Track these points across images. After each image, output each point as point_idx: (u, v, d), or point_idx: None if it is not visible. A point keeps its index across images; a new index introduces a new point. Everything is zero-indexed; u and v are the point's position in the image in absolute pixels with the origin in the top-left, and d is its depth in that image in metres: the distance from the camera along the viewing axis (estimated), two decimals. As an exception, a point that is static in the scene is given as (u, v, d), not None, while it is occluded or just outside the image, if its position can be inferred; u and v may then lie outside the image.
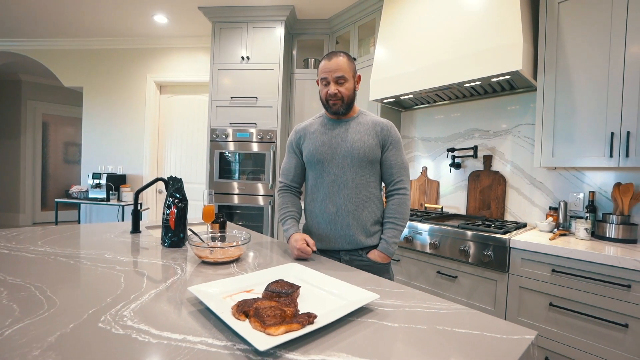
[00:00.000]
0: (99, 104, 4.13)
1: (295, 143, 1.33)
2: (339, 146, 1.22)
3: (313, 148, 1.25)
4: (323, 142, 1.24)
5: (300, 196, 1.38)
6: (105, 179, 3.72)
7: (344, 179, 1.20)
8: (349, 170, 1.20)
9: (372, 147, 1.20)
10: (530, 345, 0.58)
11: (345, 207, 1.19)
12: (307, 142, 1.28)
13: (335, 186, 1.21)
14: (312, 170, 1.27)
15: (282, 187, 1.36)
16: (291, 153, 1.35)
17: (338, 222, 1.20)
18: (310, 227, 1.28)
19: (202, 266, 0.99)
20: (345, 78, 1.18)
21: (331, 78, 1.18)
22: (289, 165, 1.35)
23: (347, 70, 1.19)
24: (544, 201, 1.99)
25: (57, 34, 3.90)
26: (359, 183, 1.20)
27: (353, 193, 1.20)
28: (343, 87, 1.19)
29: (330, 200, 1.21)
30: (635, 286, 1.24)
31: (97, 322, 0.59)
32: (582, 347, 1.36)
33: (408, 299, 0.78)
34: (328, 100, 1.21)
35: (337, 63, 1.17)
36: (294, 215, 1.28)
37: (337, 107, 1.21)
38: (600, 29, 1.57)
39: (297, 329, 0.54)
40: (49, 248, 1.11)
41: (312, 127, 1.31)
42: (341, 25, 3.12)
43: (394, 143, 1.24)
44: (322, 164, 1.23)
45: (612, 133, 1.52)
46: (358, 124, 1.24)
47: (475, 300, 1.70)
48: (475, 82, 1.91)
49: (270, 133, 3.08)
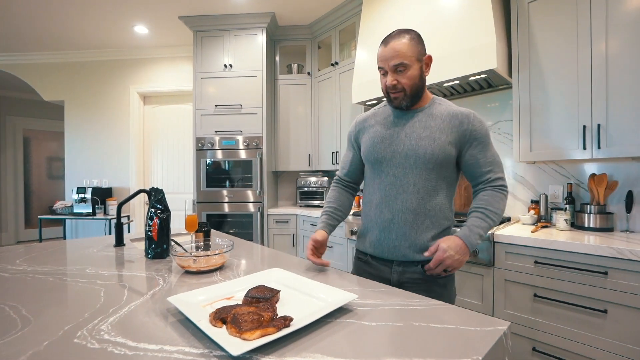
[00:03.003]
0: (81, 118, 4.07)
1: (353, 136, 1.20)
2: (402, 143, 1.04)
3: (371, 144, 1.10)
4: (382, 138, 1.07)
5: (354, 192, 1.27)
6: (91, 193, 3.66)
7: (404, 182, 1.03)
8: (412, 172, 1.02)
9: (444, 145, 1.00)
10: (502, 335, 0.60)
11: (403, 215, 1.02)
12: (366, 136, 1.13)
13: (393, 189, 1.04)
14: (370, 168, 1.13)
15: (335, 180, 1.26)
16: (350, 146, 1.23)
17: (393, 231, 1.04)
18: (365, 232, 1.14)
19: (185, 276, 0.98)
20: (406, 65, 0.98)
21: (388, 67, 1.01)
22: (346, 159, 1.24)
23: (409, 55, 0.99)
24: (526, 195, 2.03)
25: (35, 47, 3.84)
26: (422, 188, 1.01)
27: (414, 199, 1.01)
28: (404, 76, 1.00)
29: (387, 205, 1.05)
30: (611, 272, 1.28)
31: (73, 338, 0.59)
32: (566, 335, 1.39)
33: (388, 297, 0.79)
34: (388, 92, 1.04)
35: (393, 48, 0.99)
36: (332, 212, 1.18)
37: (400, 101, 1.03)
38: (568, 27, 1.63)
39: (272, 332, 0.55)
40: (27, 266, 1.09)
41: (374, 119, 1.14)
42: (322, 30, 3.16)
43: (479, 138, 1.01)
44: (380, 163, 1.07)
45: (584, 126, 1.57)
46: (429, 117, 1.04)
47: (463, 296, 1.72)
48: (453, 82, 1.95)
49: (256, 139, 3.09)
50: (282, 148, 3.36)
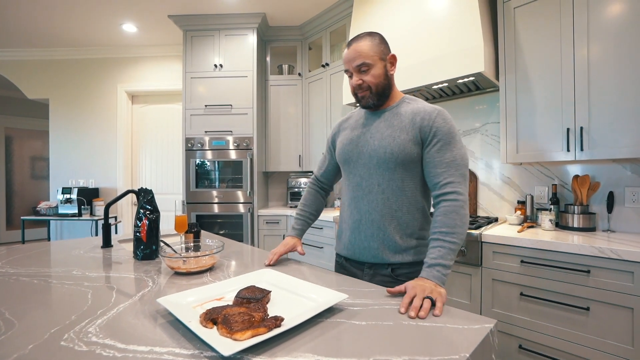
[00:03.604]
0: (67, 116, 3.98)
1: (332, 138, 1.23)
2: (367, 144, 1.04)
3: (341, 146, 1.13)
4: (351, 140, 1.09)
5: (326, 194, 1.32)
6: (77, 194, 3.58)
7: (369, 183, 1.03)
8: (375, 172, 1.02)
9: (404, 144, 0.97)
10: (489, 333, 0.61)
11: (370, 216, 1.02)
12: (339, 138, 1.16)
13: (360, 190, 1.05)
14: (342, 170, 1.15)
15: (311, 180, 1.31)
16: (328, 147, 1.26)
17: (362, 232, 1.04)
18: (340, 233, 1.16)
19: (175, 277, 0.98)
20: (369, 64, 0.99)
21: (352, 68, 1.01)
22: (324, 159, 1.28)
23: (371, 55, 0.99)
24: (512, 195, 2.08)
25: (18, 44, 3.74)
26: (386, 188, 1.00)
27: (379, 200, 1.01)
28: (368, 74, 1.00)
29: (355, 207, 1.06)
30: (594, 271, 1.32)
31: (60, 341, 0.58)
32: (551, 332, 1.43)
33: (377, 297, 0.80)
34: (356, 93, 1.04)
35: (355, 50, 0.99)
36: (303, 216, 1.24)
37: (367, 100, 1.03)
38: (551, 32, 1.67)
39: (263, 332, 0.55)
40: (10, 268, 1.06)
41: (348, 122, 1.17)
42: (313, 32, 3.16)
43: (439, 135, 0.96)
44: (349, 164, 1.09)
45: (567, 129, 1.62)
46: (394, 116, 1.03)
47: (453, 295, 1.75)
48: (442, 84, 1.98)
49: (247, 140, 3.07)
50: (273, 149, 3.35)
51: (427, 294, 0.74)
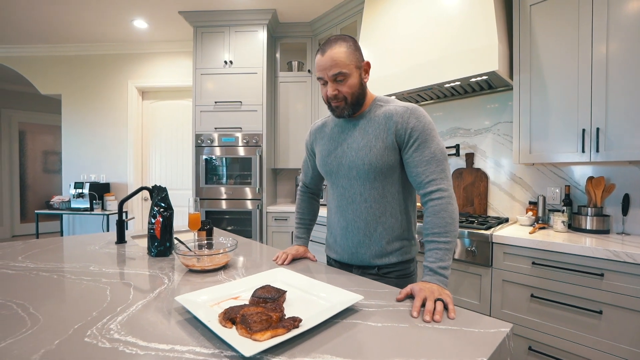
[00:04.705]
0: (78, 112, 4.03)
1: (310, 145, 1.22)
2: (345, 155, 1.05)
3: (320, 158, 1.13)
4: (329, 152, 1.09)
5: (318, 197, 1.35)
6: (88, 188, 3.64)
7: (351, 193, 1.04)
8: (356, 183, 1.03)
9: (380, 153, 0.98)
10: (505, 337, 0.61)
11: (355, 224, 1.05)
12: (318, 147, 1.16)
13: (344, 200, 1.07)
14: (325, 179, 1.17)
15: (301, 188, 1.33)
16: (307, 154, 1.26)
17: (349, 238, 1.07)
18: (329, 237, 1.19)
19: (189, 275, 0.99)
20: (345, 74, 0.95)
21: (327, 77, 0.97)
22: (307, 166, 1.28)
23: (347, 64, 0.95)
24: (524, 196, 2.05)
25: (32, 40, 3.79)
26: (369, 197, 1.02)
27: (362, 208, 1.03)
28: (344, 85, 0.97)
29: (341, 214, 1.08)
30: (607, 274, 1.31)
31: (84, 337, 0.59)
32: (562, 334, 1.42)
33: (392, 298, 0.80)
34: (330, 102, 1.02)
35: (331, 57, 0.94)
36: (304, 224, 1.28)
37: (341, 110, 1.01)
38: (569, 30, 1.64)
39: (282, 333, 0.56)
40: (30, 263, 1.09)
41: (325, 129, 1.15)
42: (323, 28, 3.15)
43: (414, 134, 0.95)
44: (330, 175, 1.10)
45: (583, 130, 1.59)
46: (368, 122, 1.02)
47: (462, 295, 1.74)
48: (455, 83, 1.96)
49: (256, 137, 3.08)
50: (282, 145, 3.36)
51: (436, 297, 0.75)
